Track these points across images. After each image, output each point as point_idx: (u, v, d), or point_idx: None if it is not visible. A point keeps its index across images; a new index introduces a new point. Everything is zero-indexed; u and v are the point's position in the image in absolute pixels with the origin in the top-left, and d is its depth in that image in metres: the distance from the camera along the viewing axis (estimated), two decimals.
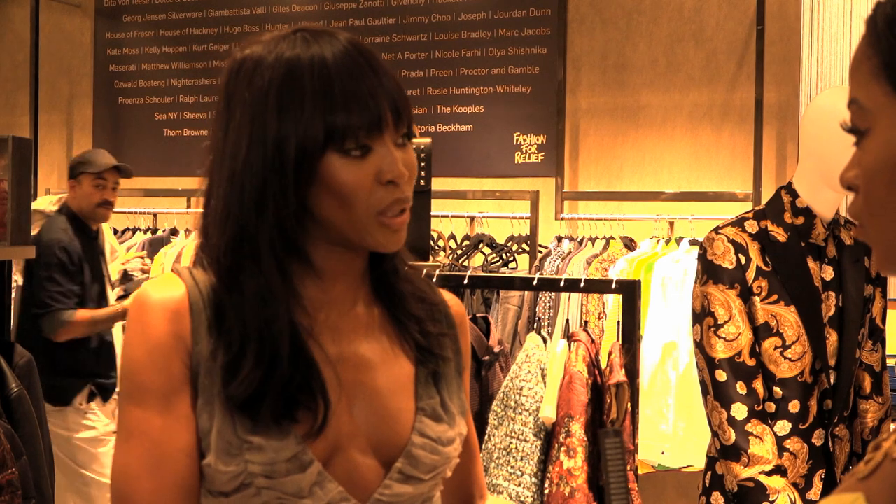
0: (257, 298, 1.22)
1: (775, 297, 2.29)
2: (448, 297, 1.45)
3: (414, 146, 1.33)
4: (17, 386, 2.80)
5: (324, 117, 1.19)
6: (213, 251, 1.25)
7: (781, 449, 2.28)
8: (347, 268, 1.30)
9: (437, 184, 3.68)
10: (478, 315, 3.07)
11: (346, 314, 1.31)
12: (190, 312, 1.23)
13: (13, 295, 3.78)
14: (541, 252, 4.73)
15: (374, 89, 1.22)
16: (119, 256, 4.72)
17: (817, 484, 2.31)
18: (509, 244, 4.79)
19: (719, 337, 2.28)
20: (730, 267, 2.29)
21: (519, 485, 2.67)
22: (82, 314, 3.97)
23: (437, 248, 4.54)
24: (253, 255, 1.22)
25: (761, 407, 2.27)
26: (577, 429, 2.65)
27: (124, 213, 5.47)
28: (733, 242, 2.31)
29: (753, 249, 2.31)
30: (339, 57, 1.22)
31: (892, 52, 0.88)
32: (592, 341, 2.86)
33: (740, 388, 2.26)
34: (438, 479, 1.33)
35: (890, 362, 2.78)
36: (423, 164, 2.89)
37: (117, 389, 4.00)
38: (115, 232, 5.32)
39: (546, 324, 4.25)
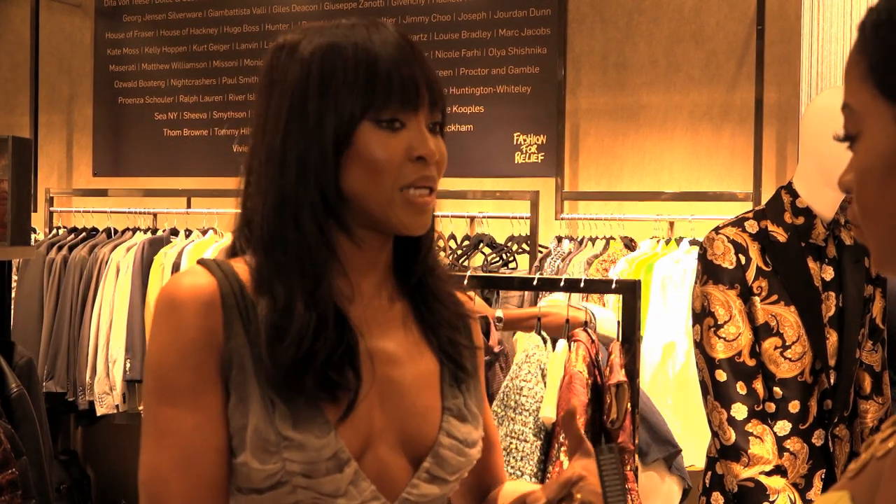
0: (300, 259, 1.23)
1: (775, 297, 2.29)
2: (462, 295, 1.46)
3: None
4: (17, 386, 2.80)
5: (363, 89, 1.23)
6: (255, 218, 1.26)
7: (781, 449, 2.28)
8: (376, 258, 1.31)
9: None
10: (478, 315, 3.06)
11: (374, 307, 1.31)
12: (222, 306, 1.22)
13: (13, 295, 3.77)
14: (541, 252, 4.73)
15: (413, 70, 1.26)
16: None
17: (817, 484, 2.31)
18: (509, 244, 4.79)
19: (719, 337, 2.28)
20: (730, 267, 2.29)
21: None
22: None
23: (437, 248, 4.53)
24: (295, 218, 1.24)
25: (761, 407, 2.27)
26: None
27: (124, 213, 5.47)
28: (733, 242, 2.31)
29: (753, 249, 2.31)
30: (383, 40, 1.26)
31: (877, 56, 0.89)
32: (592, 341, 2.86)
33: (740, 388, 2.26)
34: (458, 481, 1.34)
35: None
36: None
37: None
38: (115, 232, 5.32)
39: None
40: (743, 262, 2.30)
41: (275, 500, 1.20)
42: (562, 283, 2.98)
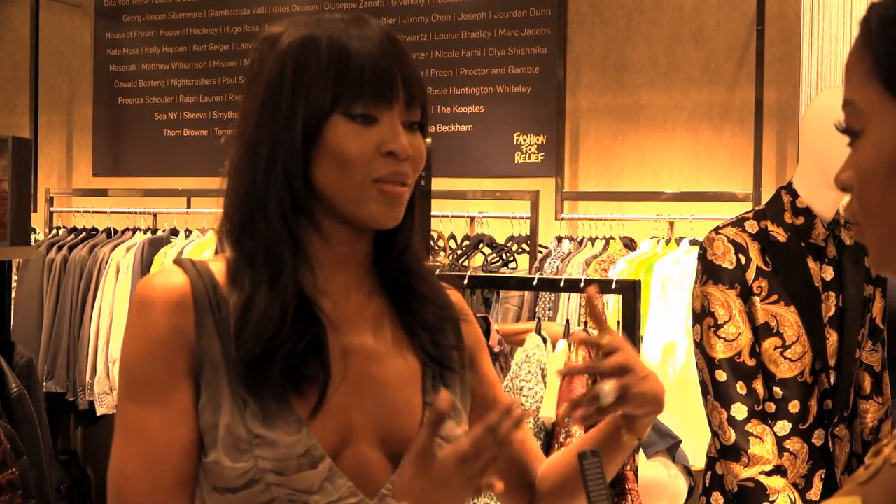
0: (267, 252, 1.23)
1: (775, 297, 2.29)
2: (451, 293, 1.44)
3: None
4: (17, 386, 2.80)
5: (334, 81, 1.22)
6: (227, 210, 1.27)
7: (781, 449, 2.28)
8: (351, 252, 1.30)
9: (437, 184, 3.67)
10: (478, 315, 3.07)
11: (350, 303, 1.30)
12: (193, 304, 1.22)
13: (13, 295, 3.77)
14: (541, 252, 4.73)
15: (391, 66, 1.24)
16: None
17: (817, 484, 2.31)
18: (509, 244, 4.79)
19: (719, 337, 2.28)
20: (730, 267, 2.29)
21: None
22: None
23: (437, 248, 4.54)
24: (263, 210, 1.23)
25: (761, 407, 2.27)
26: (577, 429, 2.65)
27: (124, 213, 5.47)
28: (733, 242, 2.31)
29: (753, 249, 2.31)
30: (362, 35, 1.25)
31: (884, 52, 0.88)
32: None
33: (740, 388, 2.26)
34: None
35: None
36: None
37: None
38: (115, 232, 5.32)
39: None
40: (743, 262, 2.30)
41: (249, 498, 1.19)
42: (562, 284, 2.98)
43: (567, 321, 3.00)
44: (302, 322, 1.21)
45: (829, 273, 2.33)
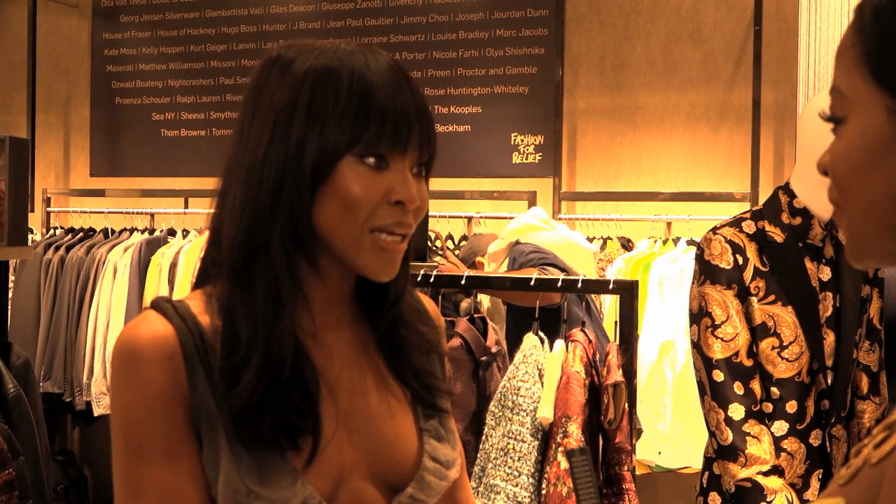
0: (268, 290, 1.18)
1: (772, 297, 2.29)
2: (425, 300, 1.41)
3: None
4: (14, 386, 2.80)
5: (353, 121, 1.17)
6: (227, 240, 1.20)
7: (779, 449, 2.28)
8: (340, 290, 1.26)
9: (435, 184, 3.67)
10: (475, 315, 3.06)
11: (334, 339, 1.26)
12: (183, 355, 1.16)
13: (10, 295, 3.77)
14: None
15: (407, 106, 1.19)
16: None
17: (815, 484, 2.31)
18: None
19: (716, 337, 2.28)
20: (727, 267, 2.29)
21: (516, 485, 2.67)
22: None
23: (434, 248, 4.54)
24: (265, 247, 1.18)
25: (758, 407, 2.27)
26: (575, 429, 2.65)
27: (121, 213, 5.46)
28: (730, 243, 2.31)
29: (751, 250, 2.31)
30: (379, 69, 1.19)
31: (875, 42, 0.88)
32: (590, 342, 2.86)
33: (737, 388, 2.26)
34: None
35: None
36: None
37: None
38: (112, 232, 5.32)
39: None
40: (740, 262, 2.30)
41: None
42: (559, 284, 2.98)
43: (564, 321, 3.00)
44: (294, 372, 1.17)
45: (826, 273, 2.33)
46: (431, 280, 2.88)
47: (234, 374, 1.15)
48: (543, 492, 2.67)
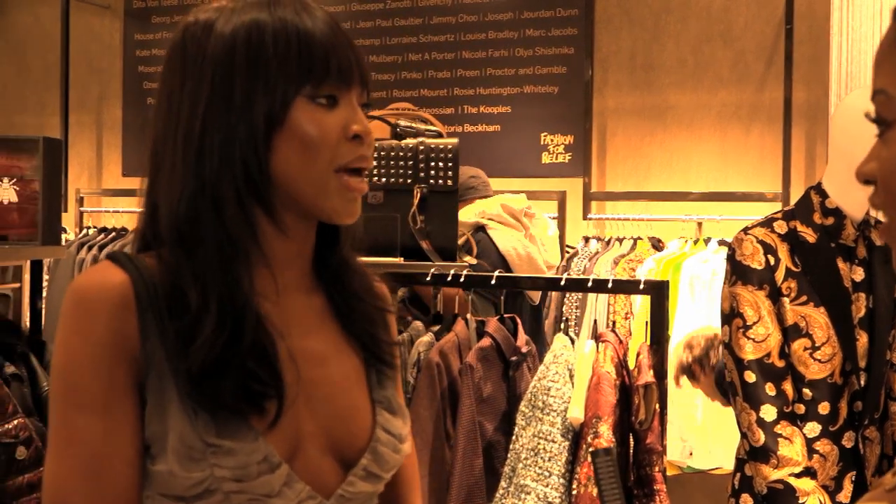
0: (220, 249, 1.15)
1: (804, 298, 2.28)
2: (378, 285, 1.40)
3: (441, 146, 1.31)
4: (49, 384, 2.82)
5: (297, 64, 1.17)
6: (167, 208, 1.17)
7: (811, 451, 2.27)
8: (301, 247, 1.25)
9: None
10: (505, 315, 3.06)
11: (295, 303, 1.25)
12: (136, 306, 1.13)
13: (44, 294, 3.80)
14: (568, 252, 4.73)
15: (343, 41, 1.20)
16: None
17: (847, 486, 2.30)
18: None
19: (748, 338, 2.27)
20: (759, 268, 2.28)
21: (547, 485, 2.67)
22: None
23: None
24: (215, 204, 1.16)
25: (790, 408, 2.26)
26: (605, 430, 2.65)
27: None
28: (762, 243, 2.30)
29: (782, 250, 2.30)
30: (312, 16, 1.20)
31: None
32: (620, 342, 2.85)
33: (769, 389, 2.25)
34: (386, 480, 1.29)
35: None
36: (450, 164, 2.89)
37: None
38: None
39: (573, 324, 4.24)
40: (772, 262, 2.29)
41: None
42: (589, 284, 2.98)
43: (595, 321, 3.00)
44: (254, 335, 1.14)
45: (858, 274, 2.32)
46: (462, 280, 2.87)
47: (188, 335, 1.12)
48: (574, 492, 2.67)
